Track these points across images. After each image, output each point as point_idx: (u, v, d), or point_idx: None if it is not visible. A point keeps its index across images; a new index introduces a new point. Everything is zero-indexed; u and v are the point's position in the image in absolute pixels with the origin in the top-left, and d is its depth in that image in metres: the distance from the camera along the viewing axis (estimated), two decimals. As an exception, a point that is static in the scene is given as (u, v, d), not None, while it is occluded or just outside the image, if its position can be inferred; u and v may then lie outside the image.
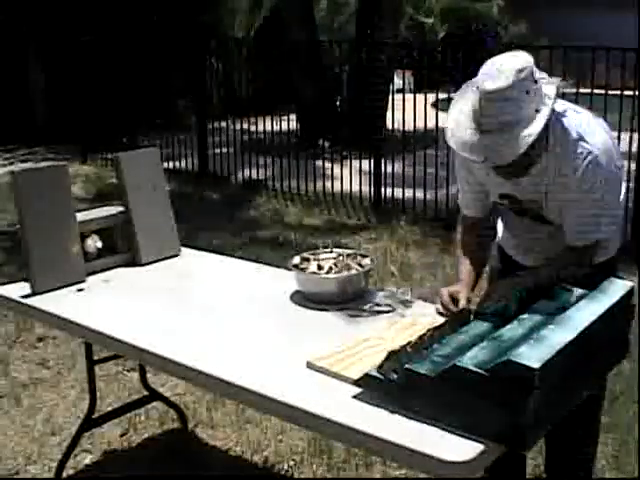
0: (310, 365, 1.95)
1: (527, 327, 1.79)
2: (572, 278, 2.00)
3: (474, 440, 1.58)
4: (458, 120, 2.02)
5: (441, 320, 2.05)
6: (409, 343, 1.77)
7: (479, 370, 1.57)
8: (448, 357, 1.69)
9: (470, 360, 1.61)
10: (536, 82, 1.94)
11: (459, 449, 1.57)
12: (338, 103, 10.35)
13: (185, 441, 3.26)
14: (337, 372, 1.89)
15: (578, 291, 1.94)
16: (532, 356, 1.56)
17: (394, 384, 1.70)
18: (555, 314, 1.82)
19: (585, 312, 1.82)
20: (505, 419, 1.56)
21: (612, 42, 5.90)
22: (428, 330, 1.83)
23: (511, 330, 1.78)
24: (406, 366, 1.68)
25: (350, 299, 2.38)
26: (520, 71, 1.90)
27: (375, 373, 1.74)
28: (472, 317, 1.98)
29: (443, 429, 1.62)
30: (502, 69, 1.92)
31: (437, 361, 1.69)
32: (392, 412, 1.69)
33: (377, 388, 1.74)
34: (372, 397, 1.74)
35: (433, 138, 6.71)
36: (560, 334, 1.69)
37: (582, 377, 1.81)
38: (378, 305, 2.32)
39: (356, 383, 1.80)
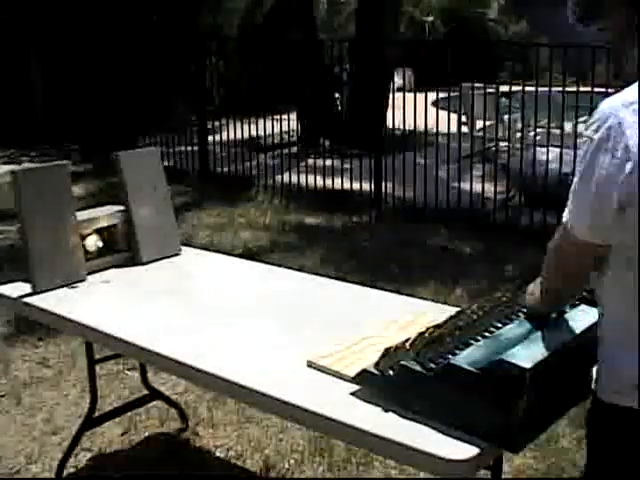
0: (310, 364, 1.95)
1: (527, 327, 1.78)
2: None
3: (468, 438, 1.58)
4: None
5: (441, 319, 2.05)
6: (407, 340, 1.77)
7: (471, 369, 1.57)
8: (445, 355, 1.69)
9: (464, 359, 1.61)
10: None
11: (459, 447, 1.57)
12: (338, 102, 10.37)
13: (185, 440, 3.27)
14: (337, 371, 1.89)
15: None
16: (525, 356, 1.56)
17: (391, 381, 1.70)
18: (556, 315, 1.81)
19: (585, 314, 1.81)
20: (496, 419, 1.55)
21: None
22: (428, 328, 1.83)
23: (510, 330, 1.78)
24: (402, 363, 1.68)
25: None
26: None
27: (372, 370, 1.75)
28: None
29: (440, 427, 1.62)
30: None
31: (434, 359, 1.69)
32: (386, 410, 1.69)
33: (374, 385, 1.74)
34: (371, 395, 1.75)
35: (433, 136, 6.72)
36: (557, 335, 1.69)
37: (580, 379, 1.79)
38: None
39: (353, 380, 1.80)
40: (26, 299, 2.57)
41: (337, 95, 10.40)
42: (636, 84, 1.49)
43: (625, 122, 1.44)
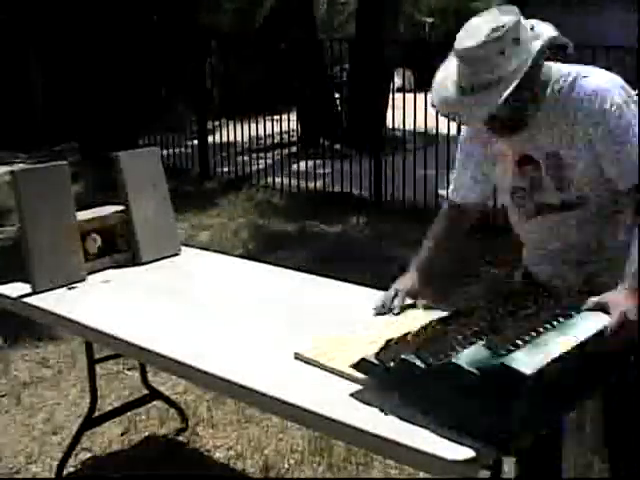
0: (297, 356, 1.95)
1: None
2: None
3: (467, 439, 1.57)
4: (443, 78, 1.94)
5: (442, 316, 2.04)
6: (409, 333, 1.76)
7: (472, 369, 1.56)
8: (447, 352, 1.68)
9: (466, 358, 1.60)
10: (518, 42, 1.81)
11: (459, 448, 1.56)
12: (338, 102, 10.37)
13: (185, 440, 3.27)
14: (323, 364, 1.89)
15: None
16: (526, 362, 1.54)
17: (390, 372, 1.69)
18: (562, 319, 1.78)
19: (591, 321, 1.77)
20: (494, 421, 1.54)
21: (612, 41, 5.90)
22: (431, 321, 1.81)
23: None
24: (402, 356, 1.66)
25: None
26: (494, 30, 1.80)
27: (373, 360, 1.73)
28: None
29: (439, 428, 1.61)
30: (476, 28, 1.83)
31: (435, 355, 1.67)
32: (384, 411, 1.68)
33: (373, 375, 1.73)
34: (371, 395, 1.74)
35: (433, 137, 6.71)
36: (560, 341, 1.67)
37: (579, 386, 1.77)
38: None
39: (352, 368, 1.78)
40: (26, 299, 2.57)
41: (337, 95, 10.39)
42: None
43: None
